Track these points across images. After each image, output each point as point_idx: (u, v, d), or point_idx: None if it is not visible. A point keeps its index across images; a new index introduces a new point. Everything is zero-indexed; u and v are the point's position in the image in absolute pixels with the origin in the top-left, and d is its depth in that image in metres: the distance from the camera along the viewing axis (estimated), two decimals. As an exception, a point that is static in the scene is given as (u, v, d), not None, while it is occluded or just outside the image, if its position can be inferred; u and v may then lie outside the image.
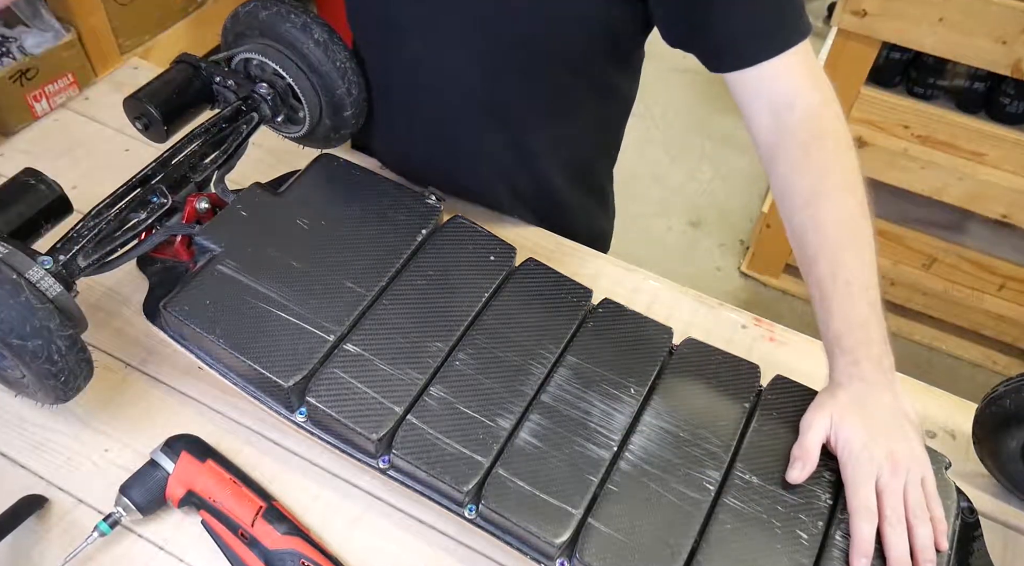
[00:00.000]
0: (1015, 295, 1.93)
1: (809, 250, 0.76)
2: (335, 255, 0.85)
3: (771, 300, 2.17)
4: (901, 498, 0.71)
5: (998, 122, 1.72)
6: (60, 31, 1.24)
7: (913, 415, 0.75)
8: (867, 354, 0.74)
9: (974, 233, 1.95)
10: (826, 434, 0.74)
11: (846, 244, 0.75)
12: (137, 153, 1.10)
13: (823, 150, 0.77)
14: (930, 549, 0.69)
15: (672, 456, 0.75)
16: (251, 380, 0.79)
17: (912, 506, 0.70)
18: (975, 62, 1.61)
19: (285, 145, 1.05)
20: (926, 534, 0.70)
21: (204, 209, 0.88)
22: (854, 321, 0.74)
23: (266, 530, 0.74)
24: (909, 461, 0.72)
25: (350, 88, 0.93)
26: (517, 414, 0.76)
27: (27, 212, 0.80)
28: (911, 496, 0.71)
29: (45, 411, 0.85)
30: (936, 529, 0.71)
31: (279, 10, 0.90)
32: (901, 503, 0.70)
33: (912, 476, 0.71)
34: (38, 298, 0.69)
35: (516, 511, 0.70)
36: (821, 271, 0.75)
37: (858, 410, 0.73)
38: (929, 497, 0.72)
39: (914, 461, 0.72)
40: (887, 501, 0.70)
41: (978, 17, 1.53)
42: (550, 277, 0.87)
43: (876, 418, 0.73)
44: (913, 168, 1.78)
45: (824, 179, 0.76)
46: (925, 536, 0.70)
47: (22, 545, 0.76)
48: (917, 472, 0.72)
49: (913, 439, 0.73)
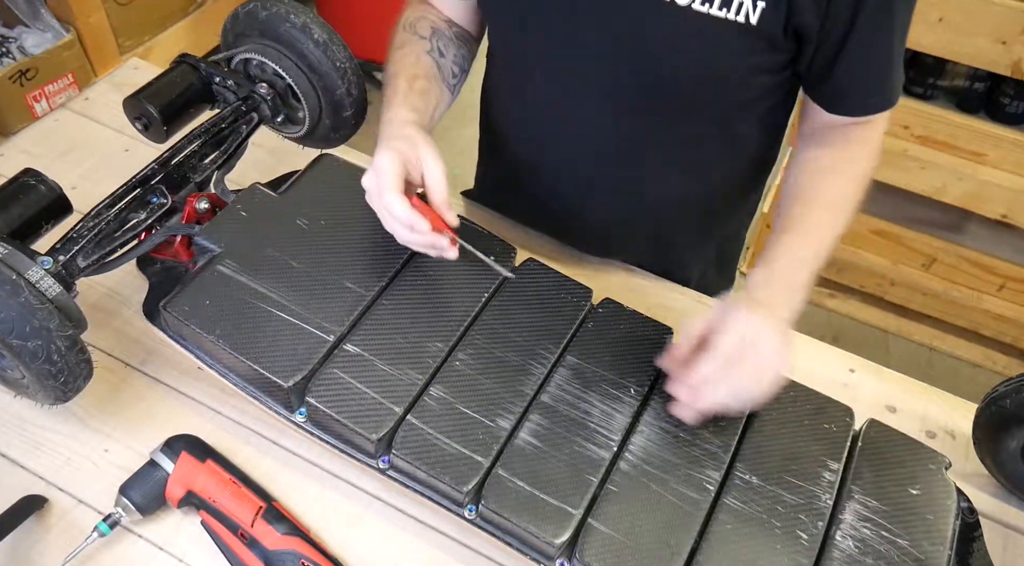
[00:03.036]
0: (1015, 295, 1.93)
1: (804, 195, 0.83)
2: (335, 255, 0.84)
3: (771, 300, 2.17)
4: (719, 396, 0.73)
5: (998, 122, 1.72)
6: (60, 31, 1.24)
7: (784, 368, 0.75)
8: (788, 300, 0.77)
9: (974, 233, 1.95)
10: (713, 326, 0.74)
11: (828, 218, 0.81)
12: (137, 153, 1.10)
13: (851, 164, 0.85)
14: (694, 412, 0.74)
15: (672, 456, 0.75)
16: (251, 380, 0.79)
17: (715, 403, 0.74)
18: (975, 62, 1.61)
19: (285, 145, 1.05)
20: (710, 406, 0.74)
21: (204, 209, 0.88)
22: (798, 275, 0.78)
23: (266, 530, 0.74)
24: (747, 394, 0.74)
25: (350, 88, 0.93)
26: (517, 414, 0.76)
27: (27, 212, 0.80)
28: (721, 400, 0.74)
29: (45, 411, 0.85)
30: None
31: (279, 10, 0.90)
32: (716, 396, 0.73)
33: (739, 404, 0.74)
34: (38, 298, 0.69)
35: (516, 511, 0.70)
36: (801, 215, 0.81)
37: (755, 326, 0.74)
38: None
39: (747, 401, 0.75)
40: (706, 395, 0.73)
41: (978, 17, 1.53)
42: (550, 277, 0.87)
43: (759, 346, 0.73)
44: (913, 168, 1.78)
45: (842, 177, 0.84)
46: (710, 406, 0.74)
47: (22, 545, 0.76)
48: (741, 405, 0.75)
49: (764, 383, 0.74)
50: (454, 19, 0.95)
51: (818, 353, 0.99)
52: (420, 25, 0.92)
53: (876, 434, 0.79)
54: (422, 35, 0.91)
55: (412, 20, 0.93)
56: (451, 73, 0.92)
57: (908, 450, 0.78)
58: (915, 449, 0.78)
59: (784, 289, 0.77)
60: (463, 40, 0.95)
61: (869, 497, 0.74)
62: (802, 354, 0.97)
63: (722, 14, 0.75)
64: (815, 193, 0.83)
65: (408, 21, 0.93)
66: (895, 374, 0.97)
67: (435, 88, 0.89)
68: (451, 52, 0.92)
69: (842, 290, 2.14)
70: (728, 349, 0.72)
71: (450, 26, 0.93)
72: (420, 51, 0.90)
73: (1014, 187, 1.72)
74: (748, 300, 0.75)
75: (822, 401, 0.81)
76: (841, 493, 0.75)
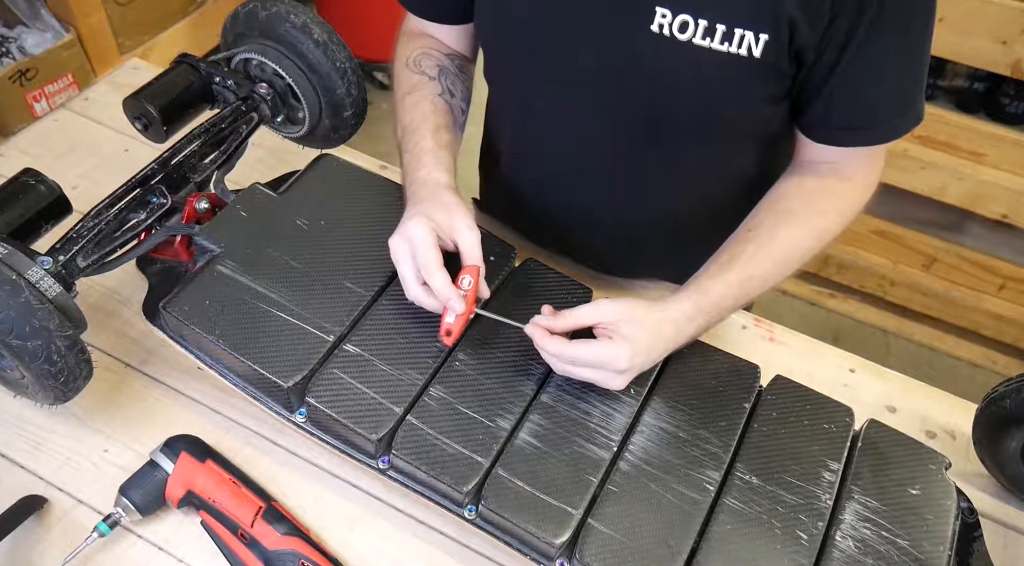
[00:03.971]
0: (1015, 295, 1.93)
1: (755, 227, 0.83)
2: (335, 255, 0.84)
3: (771, 300, 2.17)
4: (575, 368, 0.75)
5: (998, 122, 1.72)
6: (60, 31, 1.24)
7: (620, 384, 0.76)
8: (708, 321, 0.79)
9: (974, 233, 1.95)
10: (604, 314, 0.76)
11: (779, 261, 0.82)
12: (137, 153, 1.10)
13: (818, 216, 0.83)
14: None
15: (672, 456, 0.75)
16: (251, 380, 0.79)
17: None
18: (975, 62, 1.61)
19: (285, 145, 1.05)
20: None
21: (204, 209, 0.88)
22: (726, 295, 0.79)
23: (266, 530, 0.74)
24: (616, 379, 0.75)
25: (350, 88, 0.93)
26: (517, 414, 0.76)
27: (27, 212, 0.80)
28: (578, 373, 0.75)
29: (45, 411, 0.85)
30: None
31: (279, 10, 0.90)
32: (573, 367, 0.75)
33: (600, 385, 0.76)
34: (38, 298, 0.69)
35: (516, 511, 0.70)
36: (751, 252, 0.81)
37: (650, 338, 0.75)
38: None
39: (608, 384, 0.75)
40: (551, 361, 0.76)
41: (978, 17, 1.53)
42: (549, 277, 0.87)
43: (657, 336, 0.76)
44: (913, 168, 1.78)
45: (813, 216, 0.83)
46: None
47: (22, 545, 0.76)
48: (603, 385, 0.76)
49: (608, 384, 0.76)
50: (452, 45, 0.94)
51: (818, 353, 0.99)
52: (425, 63, 0.91)
53: (876, 434, 0.79)
54: (431, 76, 0.90)
55: (415, 57, 0.91)
56: (460, 111, 0.91)
57: (908, 450, 0.78)
58: (915, 449, 0.78)
59: (703, 310, 0.78)
60: (465, 72, 0.94)
61: (869, 497, 0.74)
62: (802, 354, 0.97)
63: (724, 48, 0.73)
64: (771, 239, 0.81)
65: (411, 58, 0.91)
66: (895, 374, 0.97)
67: (455, 136, 0.88)
68: (459, 90, 0.91)
69: (842, 290, 2.14)
70: (590, 357, 0.74)
71: (452, 59, 0.92)
72: (433, 95, 0.89)
73: (1014, 187, 1.72)
74: (662, 300, 0.77)
75: (822, 401, 0.81)
76: (841, 493, 0.75)
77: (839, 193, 0.84)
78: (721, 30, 0.73)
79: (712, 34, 0.73)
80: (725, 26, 0.72)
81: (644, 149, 0.86)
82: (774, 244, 0.81)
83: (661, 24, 0.74)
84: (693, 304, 0.78)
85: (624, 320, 0.74)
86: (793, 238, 0.82)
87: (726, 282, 0.79)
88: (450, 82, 0.90)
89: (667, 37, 0.74)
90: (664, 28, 0.74)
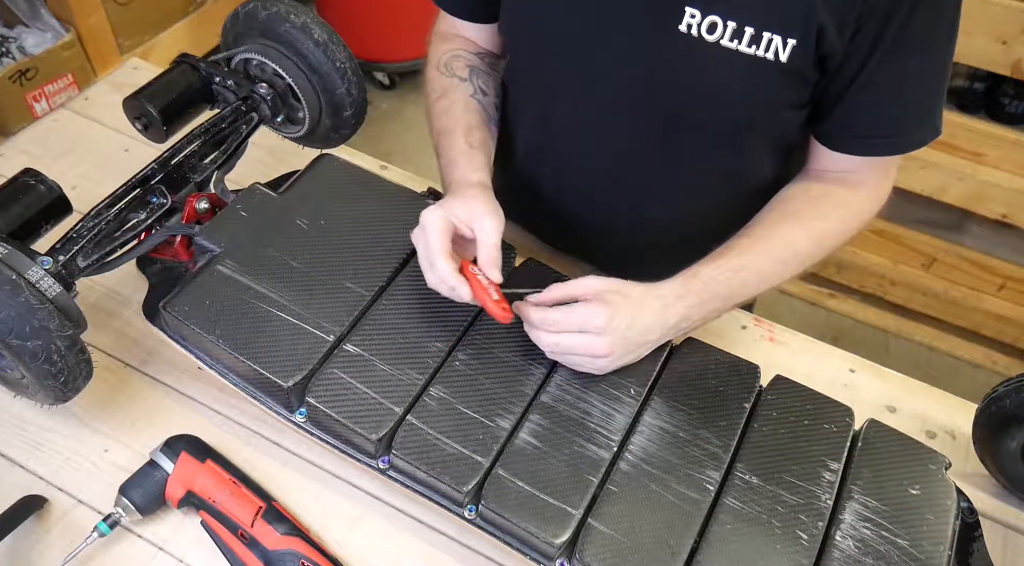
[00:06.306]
0: (1015, 295, 1.93)
1: (753, 223, 0.84)
2: (335, 255, 0.84)
3: (771, 300, 2.17)
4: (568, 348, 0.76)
5: (998, 122, 1.72)
6: (60, 31, 1.24)
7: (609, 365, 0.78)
8: (700, 302, 0.79)
9: (974, 233, 1.95)
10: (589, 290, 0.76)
11: (776, 258, 0.82)
12: (137, 153, 1.10)
13: (820, 220, 0.84)
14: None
15: (672, 456, 0.75)
16: (251, 380, 0.79)
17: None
18: (975, 62, 1.61)
19: (285, 145, 1.05)
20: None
21: (204, 209, 0.88)
22: (716, 278, 0.79)
23: (266, 530, 0.74)
24: (607, 362, 0.76)
25: (350, 88, 0.93)
26: (517, 414, 0.76)
27: (27, 212, 0.80)
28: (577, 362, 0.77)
29: (45, 411, 0.85)
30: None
31: (279, 10, 0.90)
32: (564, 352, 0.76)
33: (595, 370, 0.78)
34: (38, 298, 0.69)
35: (516, 511, 0.70)
36: (747, 245, 0.82)
37: (634, 307, 0.76)
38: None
39: (599, 368, 0.77)
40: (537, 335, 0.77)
41: (978, 17, 1.53)
42: (549, 276, 0.87)
43: (637, 323, 0.76)
44: (913, 168, 1.78)
45: (815, 219, 0.84)
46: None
47: (22, 545, 0.76)
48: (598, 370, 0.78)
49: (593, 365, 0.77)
50: (481, 43, 0.93)
51: (818, 353, 0.99)
52: (456, 65, 0.91)
53: (876, 434, 0.79)
54: (462, 77, 0.90)
55: (445, 60, 0.91)
56: (494, 108, 0.91)
57: (908, 450, 0.78)
58: (915, 449, 0.78)
59: (695, 301, 0.78)
60: (495, 68, 0.94)
61: (869, 497, 0.74)
62: (802, 354, 0.97)
63: (751, 51, 0.73)
64: (767, 234, 0.82)
65: (442, 62, 0.91)
66: (895, 374, 0.97)
67: (488, 132, 0.89)
68: (491, 88, 0.91)
69: (842, 290, 2.14)
70: (571, 319, 0.74)
71: (482, 58, 0.92)
72: (465, 97, 0.89)
73: (1014, 187, 1.72)
74: (659, 284, 0.78)
75: (822, 401, 0.81)
76: (841, 493, 0.75)
77: (844, 200, 0.84)
78: (749, 33, 0.72)
79: (740, 36, 0.73)
80: (754, 29, 0.72)
81: (664, 150, 0.86)
82: (770, 240, 0.81)
83: (689, 24, 0.74)
84: (680, 283, 0.78)
85: (609, 290, 0.75)
86: (791, 236, 0.82)
87: (716, 266, 0.79)
88: (482, 81, 0.90)
89: (695, 38, 0.74)
90: (692, 28, 0.74)
